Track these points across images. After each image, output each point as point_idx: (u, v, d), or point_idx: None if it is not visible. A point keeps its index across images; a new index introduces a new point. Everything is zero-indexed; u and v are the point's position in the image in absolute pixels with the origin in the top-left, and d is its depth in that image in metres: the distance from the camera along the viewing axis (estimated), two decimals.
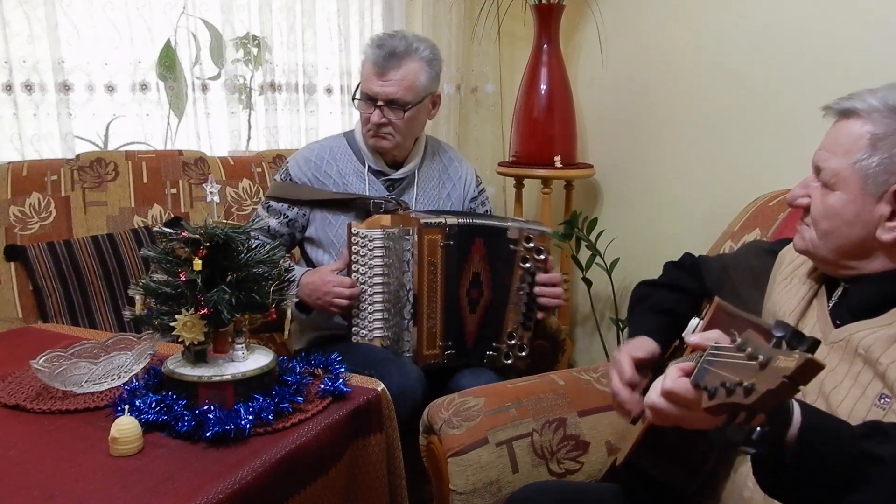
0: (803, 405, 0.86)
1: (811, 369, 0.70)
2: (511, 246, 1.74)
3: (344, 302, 1.71)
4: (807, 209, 1.08)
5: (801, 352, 0.72)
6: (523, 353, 1.77)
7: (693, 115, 2.29)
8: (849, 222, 1.02)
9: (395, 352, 1.74)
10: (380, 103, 1.78)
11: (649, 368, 1.27)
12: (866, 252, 1.03)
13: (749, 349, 0.77)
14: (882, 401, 0.94)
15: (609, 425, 1.54)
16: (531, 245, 1.73)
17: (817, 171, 1.07)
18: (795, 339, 0.75)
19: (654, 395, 0.91)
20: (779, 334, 0.77)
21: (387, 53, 1.75)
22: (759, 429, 0.77)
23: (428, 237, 1.68)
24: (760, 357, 0.74)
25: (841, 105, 1.04)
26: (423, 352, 1.71)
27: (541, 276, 1.75)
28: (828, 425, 0.85)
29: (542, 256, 1.75)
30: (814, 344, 0.74)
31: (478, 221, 1.76)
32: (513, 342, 1.76)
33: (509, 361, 1.77)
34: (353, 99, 1.85)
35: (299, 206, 1.87)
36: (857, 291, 1.05)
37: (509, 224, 1.75)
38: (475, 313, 1.75)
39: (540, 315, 1.78)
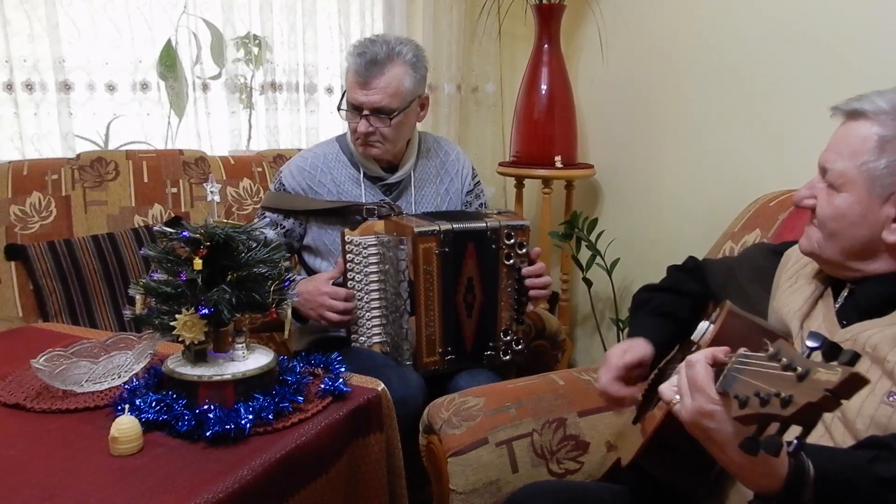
0: (808, 453, 0.85)
1: (855, 384, 0.69)
2: (493, 245, 1.70)
3: (335, 316, 1.68)
4: (813, 210, 1.08)
5: (844, 365, 0.70)
6: (520, 347, 1.76)
7: (693, 115, 2.29)
8: (855, 224, 1.02)
9: (395, 359, 1.72)
10: (366, 112, 1.74)
11: (641, 370, 1.27)
12: (871, 253, 1.03)
13: (784, 359, 0.75)
14: (891, 398, 0.94)
15: (609, 425, 1.54)
16: (512, 241, 1.70)
17: (823, 171, 1.06)
18: (832, 350, 0.73)
19: (666, 388, 0.91)
20: (813, 345, 0.75)
21: (368, 61, 1.71)
22: (794, 441, 0.74)
23: (423, 246, 1.63)
24: (798, 368, 0.72)
25: (849, 106, 1.03)
26: (423, 359, 1.69)
27: (526, 270, 1.72)
28: (838, 471, 0.84)
29: (524, 251, 1.72)
30: (854, 357, 0.71)
31: (462, 225, 1.69)
32: (508, 338, 1.75)
33: (507, 357, 1.76)
34: (339, 109, 1.83)
35: (294, 217, 1.85)
36: (863, 291, 1.05)
37: (486, 223, 1.69)
38: (471, 318, 1.73)
39: (531, 307, 1.76)
